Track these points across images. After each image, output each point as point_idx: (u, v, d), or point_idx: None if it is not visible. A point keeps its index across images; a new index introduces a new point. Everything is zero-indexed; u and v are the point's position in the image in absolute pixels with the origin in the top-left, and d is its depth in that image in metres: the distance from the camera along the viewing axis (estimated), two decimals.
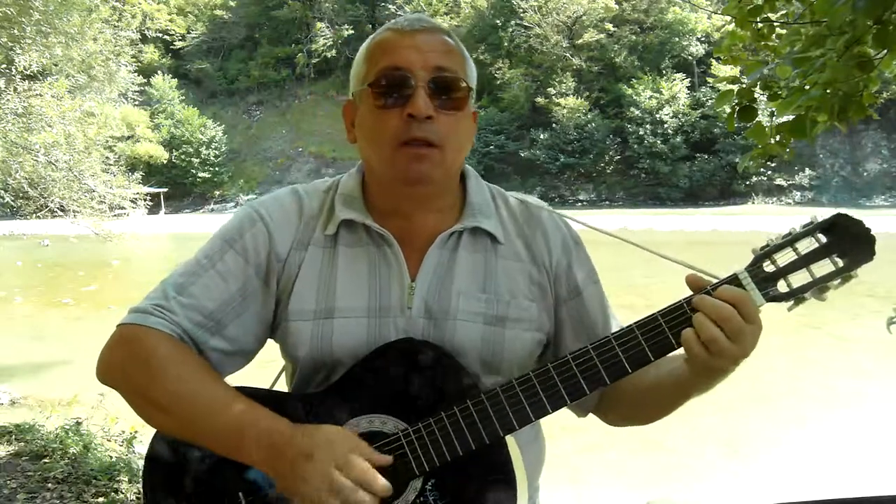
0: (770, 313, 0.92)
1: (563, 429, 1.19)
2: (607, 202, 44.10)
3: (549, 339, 1.15)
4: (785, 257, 0.93)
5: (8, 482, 3.63)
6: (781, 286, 0.92)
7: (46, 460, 3.95)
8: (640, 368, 0.95)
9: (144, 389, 1.02)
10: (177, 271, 1.10)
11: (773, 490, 4.69)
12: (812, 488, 4.55)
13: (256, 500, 1.00)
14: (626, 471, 5.15)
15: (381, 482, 0.91)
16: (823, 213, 0.93)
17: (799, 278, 0.92)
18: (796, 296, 0.92)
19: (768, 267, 0.93)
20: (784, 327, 9.85)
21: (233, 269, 1.08)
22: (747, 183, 40.27)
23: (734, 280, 0.93)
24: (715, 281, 0.95)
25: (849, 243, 0.90)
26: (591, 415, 1.22)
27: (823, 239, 0.91)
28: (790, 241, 0.92)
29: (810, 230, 0.92)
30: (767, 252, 0.93)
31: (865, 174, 41.15)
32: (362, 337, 1.05)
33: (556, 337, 1.15)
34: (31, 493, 3.48)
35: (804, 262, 0.91)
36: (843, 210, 0.95)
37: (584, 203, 43.96)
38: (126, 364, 1.03)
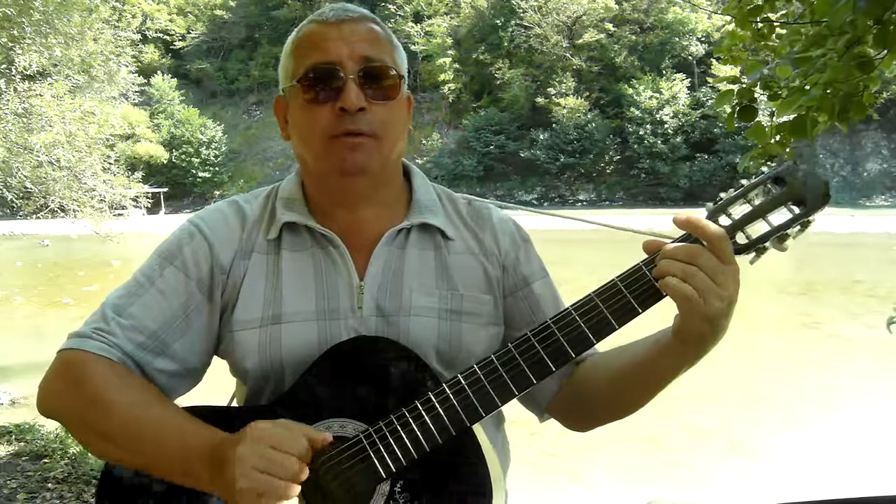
0: (770, 313, 0.91)
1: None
2: (607, 202, 44.12)
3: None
4: (740, 210, 0.90)
5: (8, 482, 3.62)
6: (740, 238, 0.90)
7: (46, 460, 3.95)
8: (604, 338, 0.92)
9: (84, 418, 0.96)
10: (115, 292, 1.04)
11: (774, 490, 4.68)
12: (812, 488, 4.55)
13: None
14: (626, 471, 5.15)
15: (303, 443, 0.86)
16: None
17: (757, 229, 0.90)
18: (756, 246, 0.90)
19: (724, 221, 0.90)
20: (783, 327, 9.86)
21: (173, 286, 1.03)
22: None
23: (689, 237, 0.89)
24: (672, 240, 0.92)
25: (803, 190, 0.88)
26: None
27: (776, 189, 0.89)
28: (743, 192, 0.90)
29: (762, 180, 0.90)
30: (721, 206, 0.91)
31: (865, 174, 41.16)
32: (313, 341, 1.01)
33: (508, 331, 1.12)
34: (31, 493, 3.48)
35: (760, 212, 0.89)
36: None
37: (584, 203, 43.99)
38: (64, 392, 0.97)
